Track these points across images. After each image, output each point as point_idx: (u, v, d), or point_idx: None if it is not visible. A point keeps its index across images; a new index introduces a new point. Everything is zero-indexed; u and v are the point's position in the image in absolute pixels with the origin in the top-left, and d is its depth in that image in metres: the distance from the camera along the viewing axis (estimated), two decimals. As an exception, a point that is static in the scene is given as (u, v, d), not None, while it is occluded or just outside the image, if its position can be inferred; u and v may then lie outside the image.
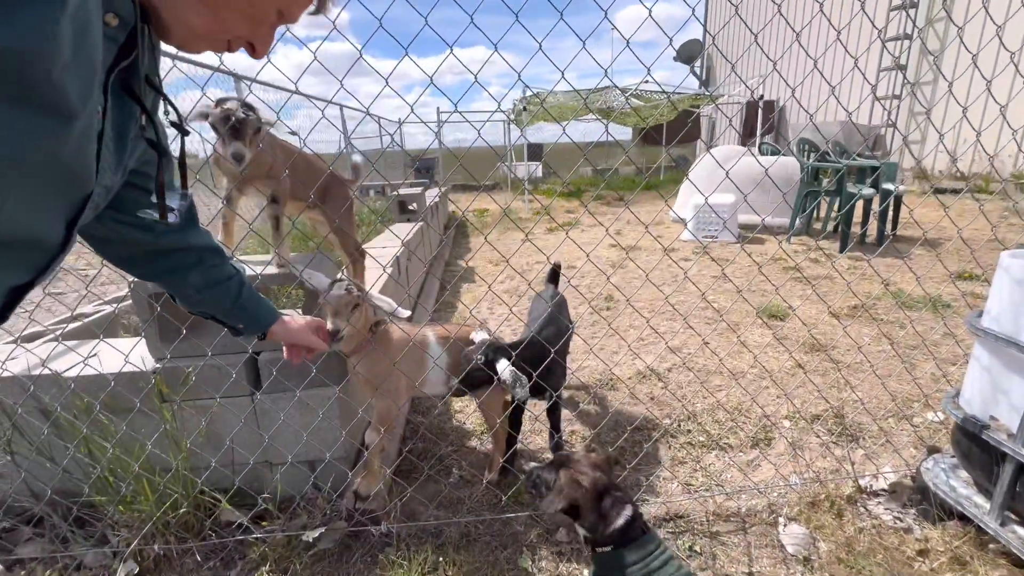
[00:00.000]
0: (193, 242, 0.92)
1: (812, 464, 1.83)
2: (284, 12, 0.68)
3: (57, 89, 0.46)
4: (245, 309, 1.03)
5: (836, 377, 2.41)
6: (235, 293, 1.00)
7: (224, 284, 0.98)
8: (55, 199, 0.56)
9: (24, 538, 1.57)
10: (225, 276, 0.98)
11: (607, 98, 9.17)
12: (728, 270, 4.35)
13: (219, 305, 1.00)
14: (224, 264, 0.99)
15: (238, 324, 1.05)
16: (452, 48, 1.22)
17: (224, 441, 1.54)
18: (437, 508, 1.68)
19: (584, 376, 2.54)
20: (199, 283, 0.95)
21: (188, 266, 0.93)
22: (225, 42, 0.67)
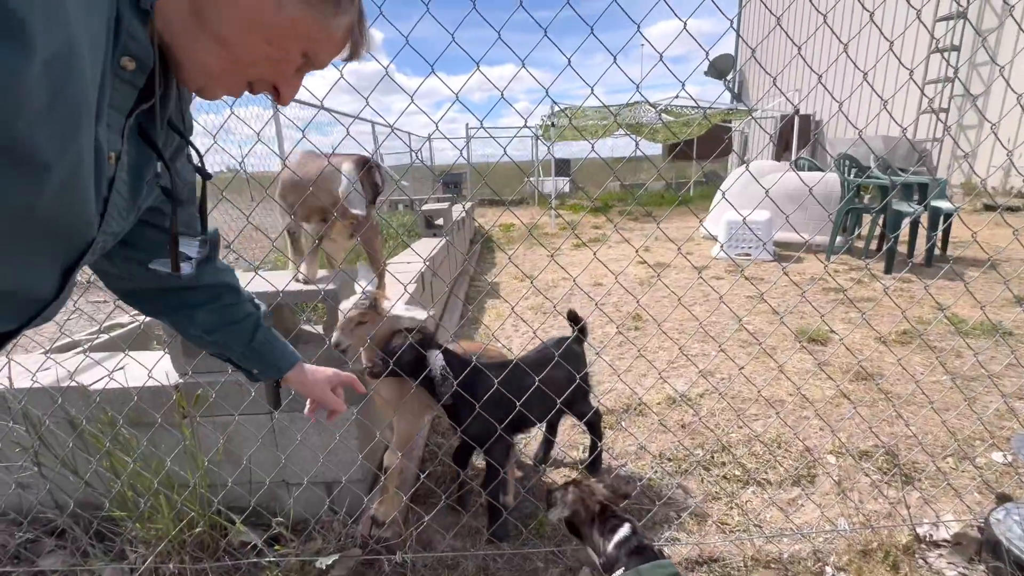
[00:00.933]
0: (206, 280, 0.86)
1: (862, 507, 1.68)
2: (310, 56, 0.64)
3: (21, 141, 0.43)
4: (259, 353, 0.95)
5: (886, 409, 2.23)
6: (248, 335, 0.93)
7: (237, 325, 0.91)
8: (42, 251, 0.53)
9: (46, 550, 1.58)
10: (239, 316, 0.91)
11: (636, 114, 9.10)
12: (763, 288, 4.17)
13: (231, 348, 0.93)
14: (239, 303, 0.92)
15: (252, 369, 0.98)
16: (479, 65, 1.19)
17: (242, 459, 1.52)
18: (454, 538, 1.61)
19: (611, 401, 2.44)
20: (208, 323, 0.89)
21: (197, 304, 0.87)
22: (245, 84, 0.64)
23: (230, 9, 0.56)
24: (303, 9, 0.59)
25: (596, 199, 10.84)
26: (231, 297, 0.90)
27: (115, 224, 0.61)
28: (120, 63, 0.53)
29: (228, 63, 0.60)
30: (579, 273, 1.57)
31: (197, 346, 0.94)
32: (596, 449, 1.85)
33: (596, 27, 1.18)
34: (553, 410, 1.58)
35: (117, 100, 0.55)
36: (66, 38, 0.43)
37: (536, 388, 1.47)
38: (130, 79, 0.55)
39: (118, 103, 0.55)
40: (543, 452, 1.96)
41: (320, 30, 0.62)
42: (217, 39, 0.57)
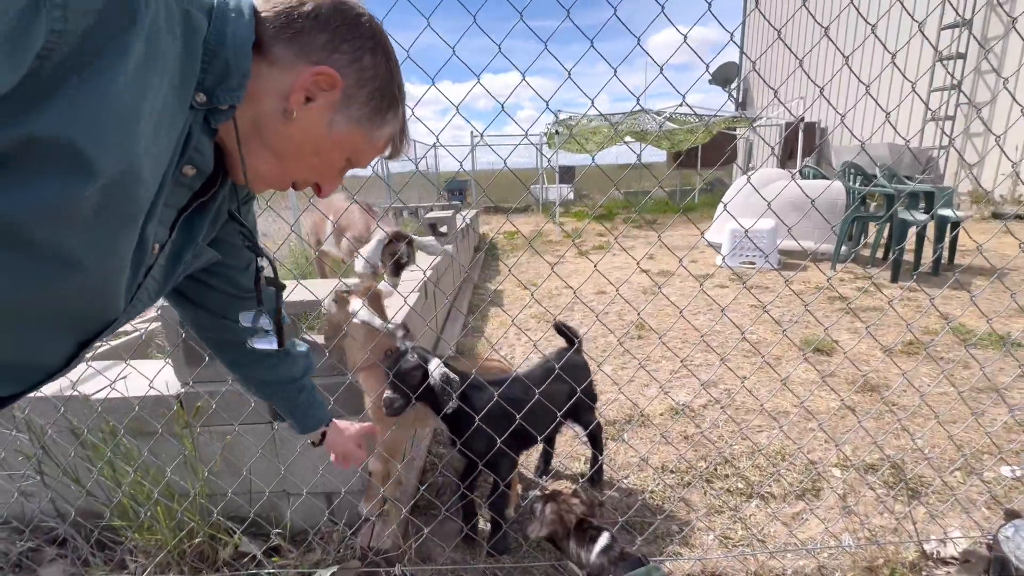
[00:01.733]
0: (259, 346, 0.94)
1: (867, 522, 1.66)
2: (353, 161, 0.70)
3: (58, 246, 0.46)
4: (294, 414, 1.05)
5: (892, 421, 2.20)
6: (290, 397, 1.02)
7: (283, 387, 1.00)
8: (61, 330, 0.56)
9: (48, 559, 1.58)
10: (286, 379, 1.00)
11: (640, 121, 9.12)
12: (767, 299, 4.15)
13: (274, 400, 1.04)
14: (287, 363, 0.99)
15: (286, 420, 1.08)
16: (479, 79, 1.20)
17: (241, 470, 1.52)
18: (454, 551, 1.60)
19: (612, 412, 2.42)
20: (260, 379, 0.98)
21: (254, 360, 0.94)
22: (290, 183, 0.69)
23: (287, 127, 0.61)
24: (351, 127, 0.64)
25: (600, 207, 10.85)
26: (279, 358, 0.98)
27: (141, 305, 0.64)
28: (182, 171, 0.57)
29: (279, 169, 0.65)
30: (582, 283, 1.57)
31: (248, 393, 1.04)
32: (598, 462, 1.84)
33: (602, 34, 1.20)
34: (554, 424, 1.57)
35: (173, 200, 0.59)
36: (128, 165, 0.46)
37: (540, 403, 1.46)
38: (188, 183, 0.60)
39: (173, 202, 0.59)
40: (543, 464, 1.95)
41: (364, 142, 0.67)
42: (272, 150, 0.63)
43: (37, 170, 0.41)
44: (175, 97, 0.50)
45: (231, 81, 0.54)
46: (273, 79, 0.58)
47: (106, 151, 0.43)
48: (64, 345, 0.58)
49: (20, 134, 0.39)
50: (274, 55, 0.58)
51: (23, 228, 0.42)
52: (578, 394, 1.52)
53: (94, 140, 0.42)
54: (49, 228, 0.44)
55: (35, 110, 0.39)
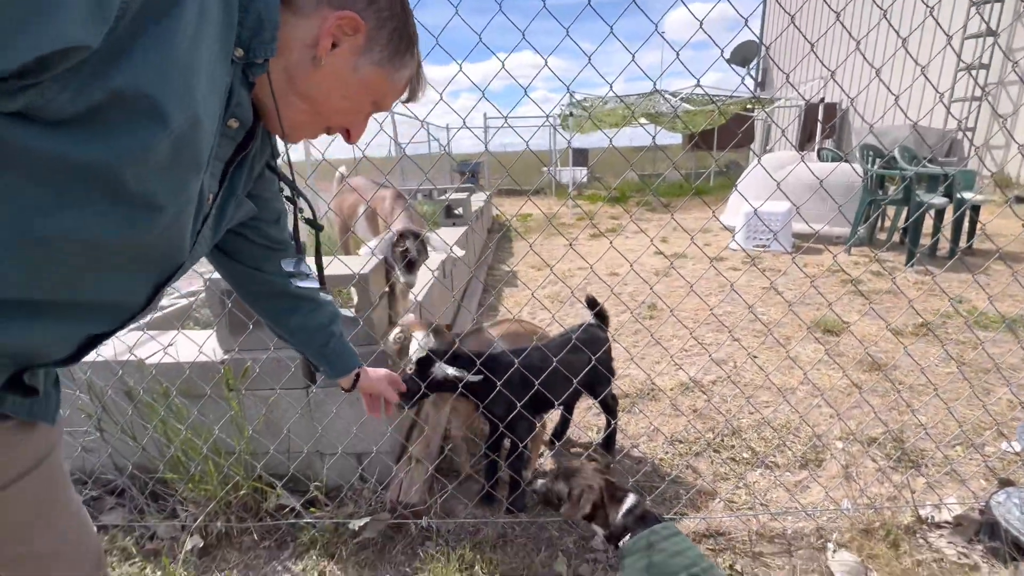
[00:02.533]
0: (294, 290, 0.98)
1: (867, 490, 1.74)
2: (378, 103, 0.74)
3: (145, 189, 0.52)
4: (327, 359, 1.10)
5: (896, 399, 2.27)
6: (322, 343, 1.07)
7: (315, 333, 1.05)
8: (142, 271, 0.63)
9: (108, 507, 1.74)
10: (316, 326, 1.04)
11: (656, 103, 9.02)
12: (780, 281, 4.18)
13: (306, 348, 1.08)
14: (320, 310, 1.04)
15: (319, 367, 1.13)
16: (504, 62, 1.26)
17: (282, 430, 1.65)
18: (476, 507, 1.72)
19: (625, 385, 2.52)
20: (295, 327, 1.03)
21: (288, 310, 1.00)
22: (323, 129, 0.74)
23: (316, 74, 0.65)
24: (374, 69, 0.69)
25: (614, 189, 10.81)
26: (312, 305, 1.03)
27: (201, 251, 0.72)
28: (227, 123, 0.63)
29: (311, 116, 0.70)
30: (595, 261, 1.65)
31: (280, 338, 1.08)
32: (612, 432, 1.95)
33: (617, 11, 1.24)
34: (570, 392, 1.66)
35: (220, 152, 0.65)
36: (193, 115, 0.52)
37: (559, 371, 1.56)
38: (233, 135, 0.66)
39: (221, 155, 0.66)
40: (560, 430, 2.06)
41: (387, 84, 0.72)
42: (304, 97, 0.67)
43: (122, 120, 0.47)
44: (220, 52, 0.54)
45: (264, 34, 0.57)
46: (300, 27, 0.61)
47: (177, 103, 0.48)
48: (145, 286, 0.66)
49: (108, 87, 0.43)
50: (297, 3, 0.60)
51: (116, 173, 0.48)
52: (593, 362, 1.61)
53: (167, 93, 0.48)
54: (136, 173, 0.50)
55: (116, 65, 0.43)
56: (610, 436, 1.96)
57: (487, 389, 1.53)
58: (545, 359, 1.56)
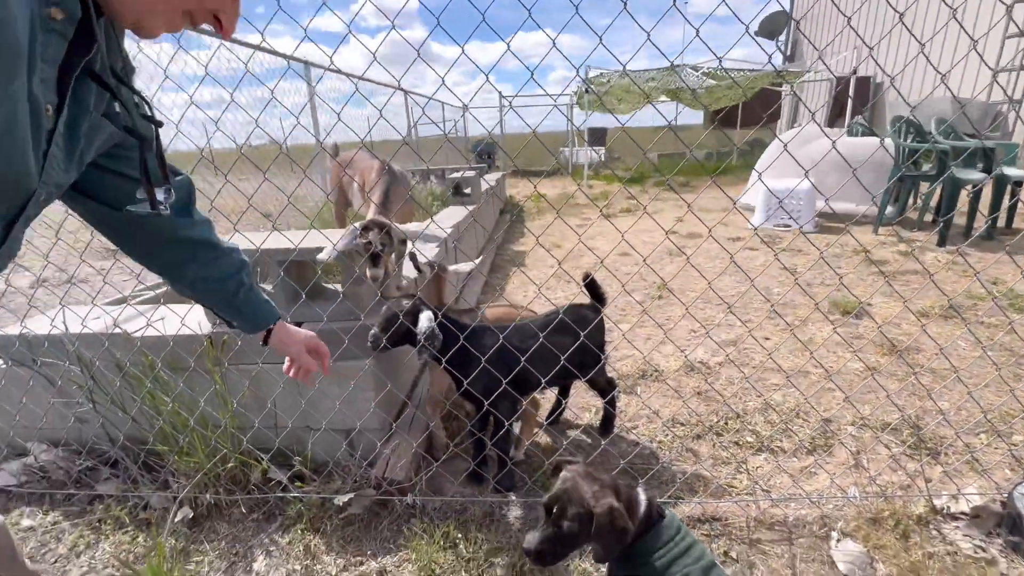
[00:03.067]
0: (185, 234, 0.89)
1: (878, 478, 1.64)
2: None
3: None
4: (238, 312, 1.00)
5: (915, 384, 2.13)
6: (231, 292, 0.97)
7: (219, 284, 0.95)
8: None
9: (103, 477, 1.77)
10: (220, 276, 0.95)
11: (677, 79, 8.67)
12: (800, 261, 4.00)
13: (215, 301, 0.99)
14: (222, 258, 0.95)
15: (232, 321, 1.04)
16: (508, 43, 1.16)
17: (267, 404, 1.63)
18: (463, 486, 1.69)
19: (626, 367, 2.44)
20: (196, 277, 0.93)
21: (184, 260, 0.90)
22: (185, 16, 0.64)
23: None
24: None
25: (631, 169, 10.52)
26: (212, 251, 0.93)
27: (56, 175, 0.63)
28: (49, 14, 0.53)
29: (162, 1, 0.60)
30: (609, 246, 1.56)
31: (187, 297, 0.99)
32: (610, 417, 1.88)
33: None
34: (556, 373, 1.59)
35: (48, 53, 0.55)
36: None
37: (540, 350, 1.50)
38: (60, 30, 0.56)
39: (49, 56, 0.56)
40: (554, 412, 2.00)
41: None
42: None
43: None
44: None
45: None
46: None
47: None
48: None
49: None
50: None
51: None
52: (579, 343, 1.53)
53: None
54: None
55: None
56: (606, 419, 1.89)
57: (465, 363, 1.49)
58: (524, 338, 1.50)
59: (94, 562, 1.51)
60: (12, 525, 1.65)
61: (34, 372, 1.66)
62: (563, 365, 1.54)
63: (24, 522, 1.67)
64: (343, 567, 1.43)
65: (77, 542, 1.57)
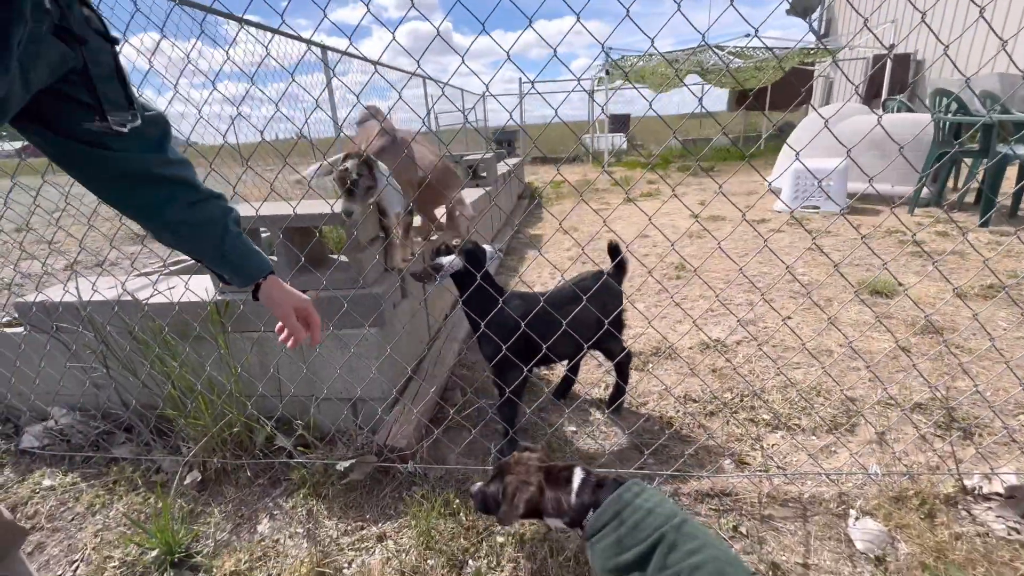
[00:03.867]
0: (159, 171, 0.82)
1: (904, 457, 1.54)
2: None
3: None
4: (226, 259, 0.93)
5: (949, 364, 2.01)
6: (218, 239, 0.90)
7: (204, 227, 0.89)
8: None
9: (119, 441, 1.82)
10: (203, 219, 0.88)
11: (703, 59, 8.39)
12: (828, 243, 3.82)
13: (201, 249, 0.92)
14: (205, 202, 0.89)
15: (222, 273, 0.96)
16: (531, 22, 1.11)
17: (271, 370, 1.64)
18: (467, 456, 1.67)
19: (640, 344, 2.37)
20: (175, 220, 0.86)
21: (161, 201, 0.84)
22: None
23: None
24: None
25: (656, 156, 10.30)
26: (191, 195, 0.87)
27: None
28: None
29: None
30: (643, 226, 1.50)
31: (171, 246, 0.92)
32: (620, 391, 1.83)
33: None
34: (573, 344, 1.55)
35: None
36: None
37: (558, 321, 1.46)
38: None
39: None
40: (562, 388, 1.96)
41: None
42: None
43: None
44: None
45: None
46: None
47: None
48: None
49: None
50: None
51: None
52: (601, 316, 1.49)
53: None
54: None
55: None
56: (616, 391, 1.84)
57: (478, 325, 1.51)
58: (542, 306, 1.47)
59: (108, 520, 1.55)
60: (34, 484, 1.71)
61: (50, 337, 1.71)
62: (581, 332, 1.50)
63: (45, 482, 1.73)
64: (344, 531, 1.43)
65: (93, 502, 1.62)
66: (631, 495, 0.94)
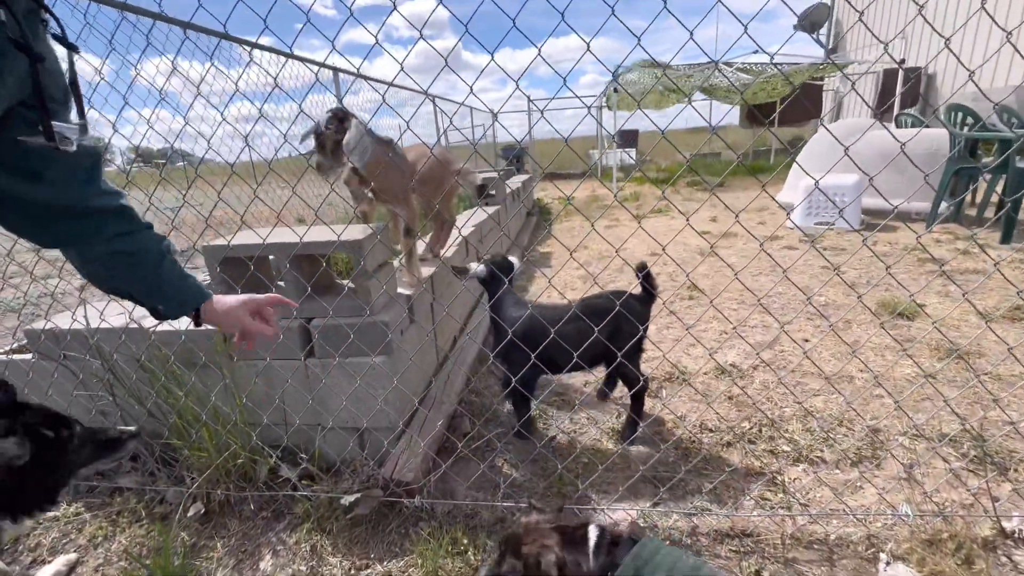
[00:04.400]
0: (93, 204, 0.77)
1: (935, 495, 1.47)
2: None
3: None
4: (163, 289, 0.87)
5: (978, 391, 1.92)
6: (153, 268, 0.85)
7: (140, 257, 0.83)
8: None
9: (124, 470, 1.79)
10: (141, 248, 0.83)
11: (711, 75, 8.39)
12: (844, 261, 3.74)
13: (134, 282, 0.85)
14: (136, 233, 0.83)
15: (157, 304, 0.90)
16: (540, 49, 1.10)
17: (275, 399, 1.61)
18: (476, 490, 1.62)
19: (651, 369, 2.31)
20: (110, 252, 0.81)
21: (88, 234, 0.78)
22: None
23: None
24: None
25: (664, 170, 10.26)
26: (122, 225, 0.82)
27: None
28: None
29: None
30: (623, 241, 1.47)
31: (97, 283, 0.86)
32: (634, 425, 1.78)
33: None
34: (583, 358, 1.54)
35: None
36: None
37: (569, 333, 1.51)
38: None
39: None
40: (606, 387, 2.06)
41: None
42: None
43: None
44: None
45: None
46: None
47: None
48: None
49: None
50: None
51: None
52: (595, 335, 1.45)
53: None
54: None
55: None
56: (629, 421, 1.79)
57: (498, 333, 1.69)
58: (554, 319, 1.56)
59: (109, 554, 1.52)
60: (38, 514, 1.69)
61: (58, 365, 1.70)
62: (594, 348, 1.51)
63: (49, 511, 1.71)
64: (348, 569, 1.39)
65: (96, 534, 1.59)
66: (648, 552, 0.89)
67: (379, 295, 1.60)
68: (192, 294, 0.92)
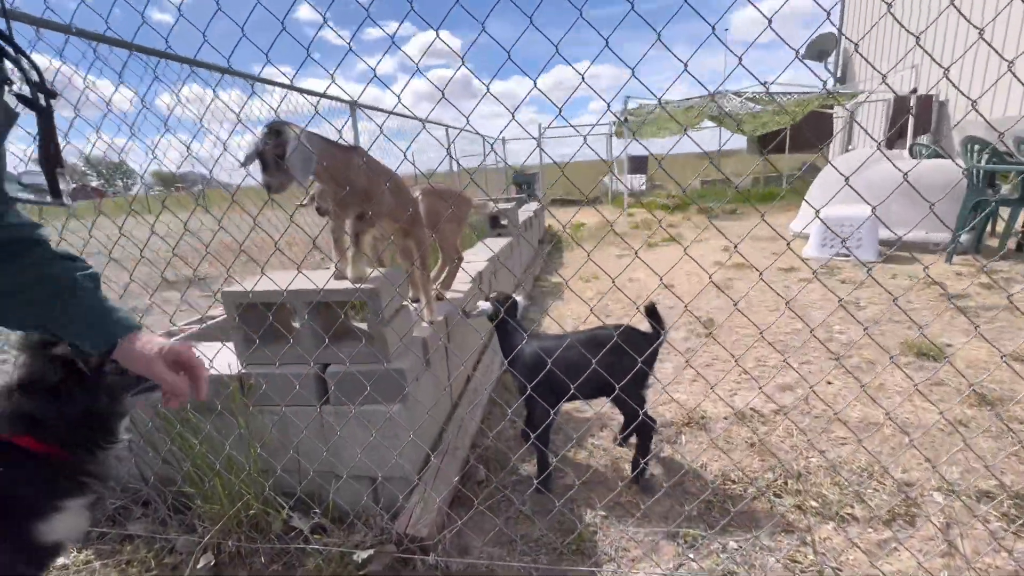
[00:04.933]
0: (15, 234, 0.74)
1: (975, 560, 1.39)
2: None
3: None
4: (84, 318, 0.80)
5: (1014, 441, 1.84)
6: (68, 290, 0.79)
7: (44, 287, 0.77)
8: None
9: (135, 516, 1.77)
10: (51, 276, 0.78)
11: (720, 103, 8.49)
12: (865, 295, 3.68)
13: (47, 309, 0.78)
14: (53, 261, 0.78)
15: (77, 338, 0.82)
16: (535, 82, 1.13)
17: (291, 449, 1.59)
18: (492, 546, 1.57)
19: (669, 413, 2.26)
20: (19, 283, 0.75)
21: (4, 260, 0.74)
22: None
23: None
24: None
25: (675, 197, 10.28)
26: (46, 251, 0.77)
27: None
28: None
29: None
30: (619, 274, 1.46)
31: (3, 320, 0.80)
32: (636, 464, 1.75)
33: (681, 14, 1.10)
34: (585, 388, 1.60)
35: None
36: None
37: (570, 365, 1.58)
38: None
39: None
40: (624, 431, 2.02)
41: None
42: None
43: None
44: None
45: None
46: None
47: None
48: None
49: None
50: None
51: None
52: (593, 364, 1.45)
53: None
54: None
55: None
56: (635, 466, 1.76)
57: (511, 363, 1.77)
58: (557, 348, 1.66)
59: (117, 608, 1.49)
60: (48, 562, 1.67)
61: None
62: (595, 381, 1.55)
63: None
64: (359, 632, 1.34)
65: (104, 584, 1.57)
66: None
67: (396, 346, 1.59)
68: (118, 324, 0.83)
